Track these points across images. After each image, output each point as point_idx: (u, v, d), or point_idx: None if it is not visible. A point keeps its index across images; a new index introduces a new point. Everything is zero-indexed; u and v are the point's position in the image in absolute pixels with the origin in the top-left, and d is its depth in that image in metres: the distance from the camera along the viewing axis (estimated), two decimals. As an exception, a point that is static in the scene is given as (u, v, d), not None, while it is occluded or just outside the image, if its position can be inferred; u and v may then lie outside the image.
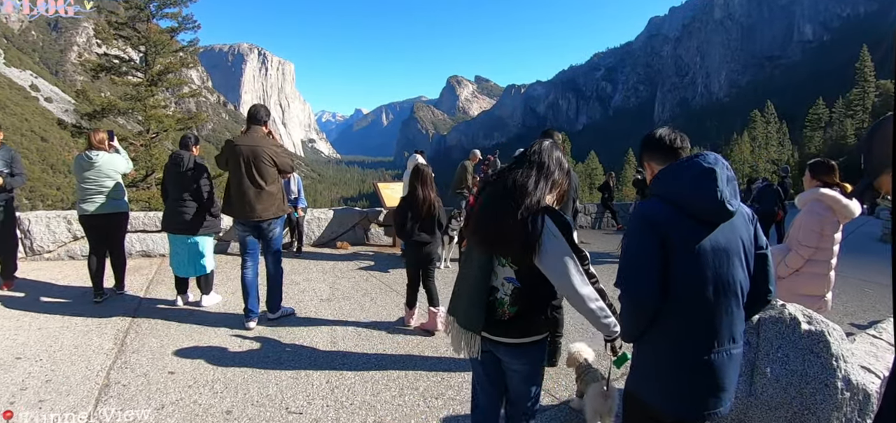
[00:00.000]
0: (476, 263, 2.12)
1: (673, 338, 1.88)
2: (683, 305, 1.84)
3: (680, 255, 1.82)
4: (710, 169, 1.80)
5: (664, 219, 1.84)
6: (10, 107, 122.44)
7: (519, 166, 2.13)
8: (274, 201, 4.72)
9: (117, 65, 23.77)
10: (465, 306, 2.16)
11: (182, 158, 5.17)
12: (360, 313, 5.43)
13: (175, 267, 5.41)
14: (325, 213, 9.42)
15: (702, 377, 1.86)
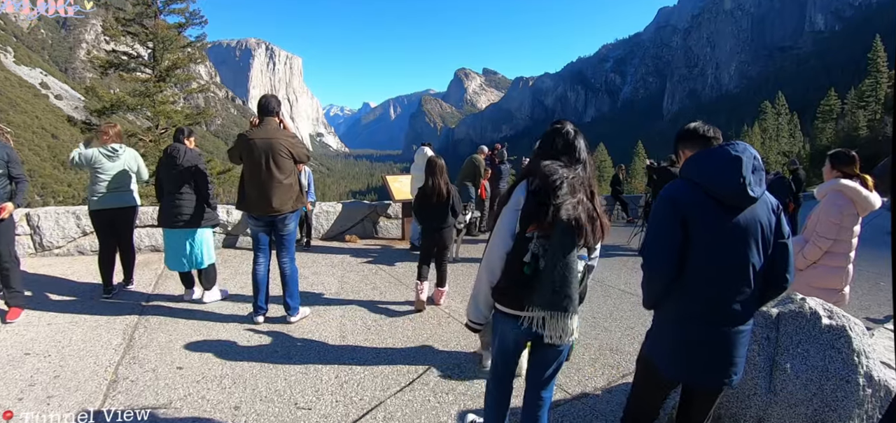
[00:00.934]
0: (570, 251, 2.05)
1: (683, 310, 2.09)
2: (697, 280, 2.04)
3: (699, 234, 2.01)
4: (736, 157, 1.98)
5: (688, 200, 2.04)
6: (21, 105, 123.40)
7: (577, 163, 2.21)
8: (291, 194, 4.61)
9: (126, 61, 23.91)
10: (570, 293, 2.06)
11: (178, 151, 5.03)
12: (368, 307, 5.39)
13: (170, 263, 5.25)
14: (333, 206, 9.40)
15: (706, 349, 2.07)
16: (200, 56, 28.78)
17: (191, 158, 5.04)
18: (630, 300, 5.93)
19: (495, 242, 2.20)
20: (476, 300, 2.33)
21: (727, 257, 2.01)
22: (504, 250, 2.16)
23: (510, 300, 2.19)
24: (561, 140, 2.26)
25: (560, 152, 2.24)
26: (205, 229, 5.24)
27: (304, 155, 4.77)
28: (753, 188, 1.97)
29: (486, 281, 2.25)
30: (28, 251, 7.22)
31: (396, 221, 9.80)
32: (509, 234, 2.15)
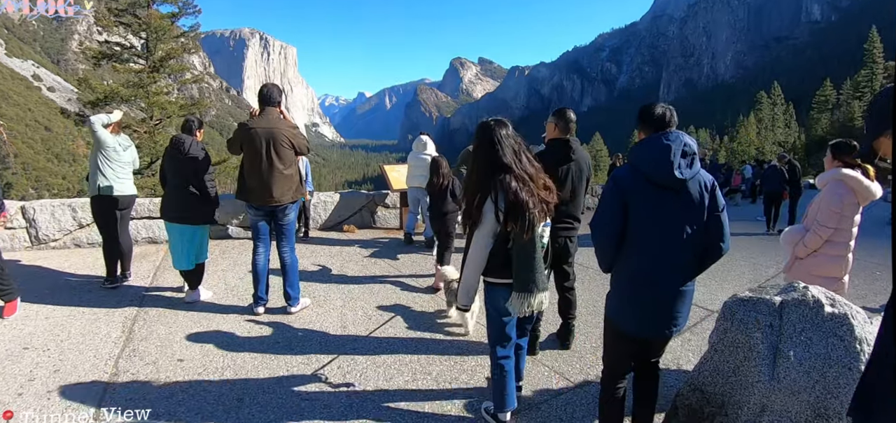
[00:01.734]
0: (535, 234, 2.61)
1: (630, 275, 2.46)
2: (638, 250, 2.41)
3: (637, 211, 2.36)
4: (667, 145, 2.30)
5: (628, 184, 2.38)
6: (13, 97, 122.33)
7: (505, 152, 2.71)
8: (292, 185, 4.60)
9: (118, 52, 23.82)
10: (540, 270, 2.66)
11: (183, 143, 4.90)
12: (369, 296, 5.38)
13: (175, 260, 5.05)
14: (331, 196, 9.35)
15: (651, 307, 2.44)
16: (194, 46, 28.57)
17: (195, 151, 4.94)
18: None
19: (478, 251, 2.67)
20: (468, 291, 2.79)
21: (663, 229, 2.35)
22: (487, 251, 2.66)
23: (497, 274, 2.74)
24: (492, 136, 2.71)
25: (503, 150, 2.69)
26: (203, 226, 5.14)
27: (304, 146, 4.75)
28: (682, 171, 2.29)
29: (475, 276, 2.74)
30: (24, 245, 7.17)
31: (394, 211, 9.76)
32: (488, 246, 2.65)
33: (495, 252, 2.66)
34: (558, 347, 4.20)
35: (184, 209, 4.91)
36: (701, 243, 2.41)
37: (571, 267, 4.10)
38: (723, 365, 3.00)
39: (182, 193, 4.90)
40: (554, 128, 3.90)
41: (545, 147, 4.00)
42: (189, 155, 4.89)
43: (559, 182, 3.71)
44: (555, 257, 3.92)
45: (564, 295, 4.15)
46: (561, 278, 4.09)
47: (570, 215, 3.88)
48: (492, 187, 2.59)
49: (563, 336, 4.20)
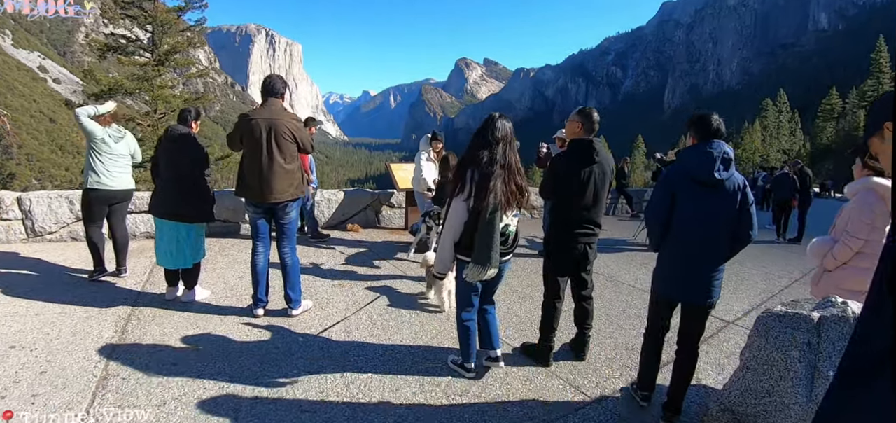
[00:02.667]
0: (496, 217, 3.07)
1: (676, 253, 3.03)
2: (680, 235, 2.98)
3: (682, 203, 2.93)
4: (710, 153, 2.84)
5: (676, 180, 2.96)
6: (19, 88, 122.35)
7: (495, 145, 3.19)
8: (293, 181, 4.33)
9: (124, 45, 23.74)
10: (494, 249, 3.07)
11: (178, 134, 4.68)
12: (373, 300, 5.15)
13: (160, 257, 4.75)
14: (335, 194, 9.14)
15: (691, 279, 2.99)
16: (200, 40, 28.52)
17: (192, 144, 4.72)
18: (642, 296, 5.70)
19: (453, 217, 3.18)
20: (443, 258, 3.32)
21: (703, 218, 2.91)
22: (461, 221, 3.16)
23: (467, 252, 3.17)
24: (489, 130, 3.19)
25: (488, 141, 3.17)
26: (198, 224, 4.85)
27: (308, 142, 4.52)
28: (720, 173, 2.84)
29: (449, 242, 3.24)
30: (20, 237, 6.99)
31: (400, 210, 9.55)
32: (462, 215, 3.15)
33: (468, 230, 3.13)
34: (572, 358, 3.99)
35: (176, 205, 4.63)
36: (732, 231, 2.94)
37: (590, 275, 3.90)
38: (756, 385, 2.79)
39: (175, 188, 4.63)
40: (578, 127, 3.70)
41: (567, 147, 3.78)
42: (184, 147, 4.66)
43: (580, 185, 3.56)
44: (573, 263, 3.76)
45: (581, 304, 3.92)
46: (578, 287, 3.89)
47: (591, 221, 3.68)
48: (474, 162, 3.10)
49: (578, 347, 3.99)
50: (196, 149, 4.73)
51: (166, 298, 4.86)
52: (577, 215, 3.63)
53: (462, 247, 3.19)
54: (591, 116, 3.68)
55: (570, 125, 3.77)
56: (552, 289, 3.80)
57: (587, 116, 3.67)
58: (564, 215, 3.67)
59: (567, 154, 3.68)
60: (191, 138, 4.72)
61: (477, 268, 3.07)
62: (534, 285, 5.84)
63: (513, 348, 4.14)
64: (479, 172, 3.07)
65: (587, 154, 3.58)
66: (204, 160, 4.77)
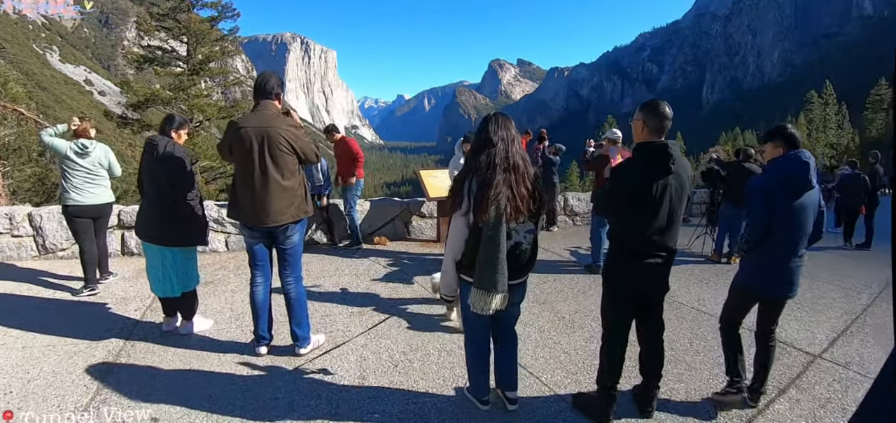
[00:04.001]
0: (501, 231, 2.60)
1: (772, 252, 3.16)
2: (779, 236, 3.11)
3: (781, 209, 3.08)
4: (806, 162, 3.06)
5: (774, 189, 3.10)
6: (66, 101, 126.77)
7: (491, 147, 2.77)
8: (292, 200, 3.63)
9: (160, 56, 24.40)
10: (499, 271, 2.61)
11: (156, 146, 3.99)
12: (398, 331, 4.47)
13: (151, 283, 4.21)
14: (362, 203, 8.55)
15: (785, 274, 3.16)
16: (234, 49, 28.92)
17: (171, 156, 4.00)
18: (709, 322, 4.88)
19: (453, 234, 2.77)
20: (445, 277, 2.93)
21: (797, 221, 3.08)
22: (461, 237, 2.75)
23: (469, 271, 2.75)
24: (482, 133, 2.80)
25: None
26: (185, 248, 4.20)
27: (311, 152, 3.77)
28: (813, 182, 3.06)
29: (450, 260, 2.84)
30: (31, 254, 6.64)
31: (431, 220, 8.90)
32: (462, 231, 2.74)
33: (470, 248, 2.71)
34: (636, 415, 3.22)
35: (158, 227, 4.03)
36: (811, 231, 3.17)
37: (660, 313, 3.17)
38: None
39: (158, 207, 4.03)
40: (642, 127, 2.88)
41: (633, 153, 2.97)
42: (162, 159, 3.99)
43: (652, 202, 2.76)
44: (640, 299, 3.01)
45: (650, 348, 3.18)
46: (646, 327, 3.17)
47: (664, 248, 2.89)
48: (471, 170, 2.70)
49: (644, 401, 3.22)
50: (175, 163, 4.01)
51: (163, 329, 4.33)
52: (646, 241, 2.84)
53: (464, 267, 2.79)
54: (659, 109, 2.84)
55: (635, 125, 2.94)
56: (614, 330, 3.07)
57: (653, 110, 2.85)
58: (630, 241, 2.89)
59: (634, 162, 2.89)
60: (170, 151, 4.02)
61: (480, 294, 2.63)
62: (584, 310, 5.11)
63: (557, 394, 3.44)
64: (476, 181, 2.64)
65: (661, 162, 2.75)
66: (185, 176, 4.05)
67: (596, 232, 6.75)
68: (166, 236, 4.03)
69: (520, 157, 2.74)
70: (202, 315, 4.50)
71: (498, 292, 2.60)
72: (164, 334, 4.26)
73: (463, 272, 2.80)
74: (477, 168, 2.67)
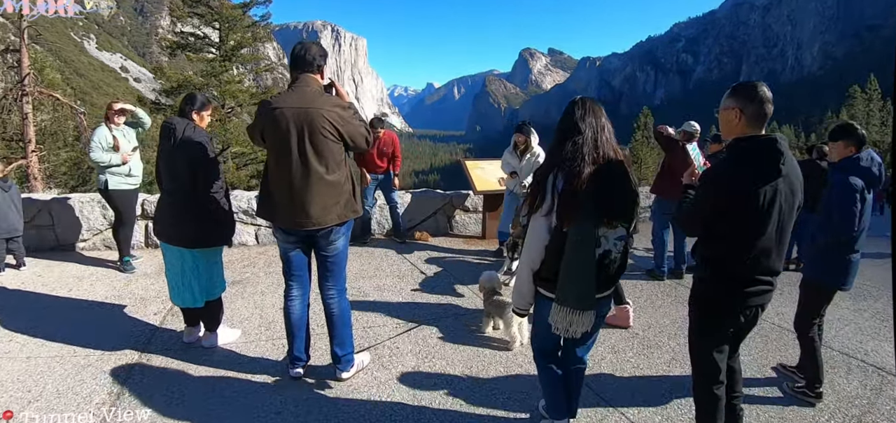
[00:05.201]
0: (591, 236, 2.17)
1: (848, 249, 3.24)
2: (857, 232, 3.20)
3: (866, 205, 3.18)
4: (879, 160, 3.25)
5: (861, 187, 3.16)
6: (103, 88, 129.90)
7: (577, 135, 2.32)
8: (338, 198, 2.97)
9: (192, 42, 24.58)
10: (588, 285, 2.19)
11: (174, 130, 3.38)
12: (450, 349, 3.85)
13: (172, 292, 3.65)
14: (403, 196, 7.93)
15: (853, 269, 3.28)
16: (265, 35, 28.95)
17: (190, 141, 3.39)
18: (791, 339, 4.11)
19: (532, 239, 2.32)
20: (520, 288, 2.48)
21: (865, 215, 3.21)
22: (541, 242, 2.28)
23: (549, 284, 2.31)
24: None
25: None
26: (209, 250, 3.60)
27: (361, 137, 3.05)
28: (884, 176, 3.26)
29: (526, 269, 2.38)
30: (50, 245, 6.23)
31: (475, 215, 8.23)
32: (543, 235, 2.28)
33: (551, 255, 2.25)
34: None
35: (176, 225, 3.45)
36: None
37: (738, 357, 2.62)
38: None
39: (177, 201, 3.44)
40: (738, 117, 2.26)
41: (729, 152, 2.32)
42: (180, 145, 3.37)
43: (758, 214, 2.16)
44: (734, 335, 2.46)
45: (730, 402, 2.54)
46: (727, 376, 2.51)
47: (771, 271, 2.28)
48: (555, 164, 2.27)
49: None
50: (197, 150, 3.39)
51: (184, 340, 3.77)
52: (750, 264, 2.24)
53: (543, 278, 2.33)
54: (759, 93, 2.22)
55: (726, 116, 2.32)
56: (708, 370, 2.42)
57: (751, 95, 2.23)
58: (729, 264, 2.27)
59: (732, 163, 2.26)
60: (189, 137, 3.40)
61: (564, 312, 2.21)
62: (658, 326, 4.47)
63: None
64: (563, 176, 2.19)
65: (769, 162, 2.15)
66: (207, 165, 3.43)
67: (658, 234, 6.03)
68: (186, 235, 3.44)
69: (611, 147, 2.29)
70: (228, 324, 3.94)
71: (586, 309, 2.20)
72: (185, 347, 3.70)
73: (541, 285, 2.36)
74: (563, 160, 2.23)
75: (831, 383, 3.51)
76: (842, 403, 3.28)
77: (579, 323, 2.21)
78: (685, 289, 5.45)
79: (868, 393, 3.43)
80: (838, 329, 4.60)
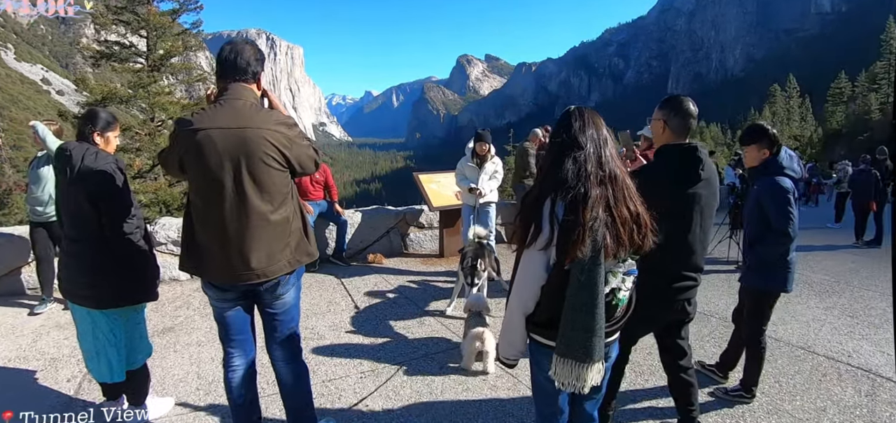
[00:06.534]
0: (598, 274, 1.77)
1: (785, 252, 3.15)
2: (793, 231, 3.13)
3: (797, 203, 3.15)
4: (798, 157, 3.40)
5: (791, 187, 3.11)
6: (23, 101, 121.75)
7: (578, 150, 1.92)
8: (288, 239, 2.36)
9: (118, 51, 22.74)
10: (597, 332, 1.78)
11: (70, 158, 2.66)
12: (429, 397, 3.36)
13: (87, 360, 2.88)
14: (352, 215, 7.42)
15: (792, 268, 3.23)
16: (197, 43, 27.59)
17: (91, 171, 2.64)
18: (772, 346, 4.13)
19: (525, 278, 1.90)
20: (509, 335, 2.01)
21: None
22: (536, 281, 1.88)
23: (545, 330, 1.93)
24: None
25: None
26: (126, 309, 2.83)
27: (310, 159, 2.42)
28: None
29: (518, 314, 1.95)
30: None
31: (430, 231, 7.85)
32: (539, 274, 1.87)
33: (549, 297, 1.84)
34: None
35: (84, 280, 2.69)
36: None
37: (687, 339, 2.76)
38: None
39: (82, 251, 2.70)
40: (663, 128, 2.52)
41: (656, 158, 2.63)
42: (78, 174, 2.64)
43: (680, 216, 2.42)
44: (665, 329, 2.73)
45: (680, 376, 2.77)
46: (673, 355, 2.76)
47: (694, 268, 2.52)
48: (553, 187, 1.81)
49: None
50: (99, 181, 2.65)
51: (103, 407, 2.98)
52: (674, 261, 2.45)
53: (539, 324, 1.92)
54: (684, 106, 2.48)
55: (655, 126, 2.58)
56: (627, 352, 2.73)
57: (676, 108, 2.48)
58: (654, 261, 2.10)
59: (655, 169, 2.55)
60: (90, 166, 2.66)
61: (569, 365, 1.80)
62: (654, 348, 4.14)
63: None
64: (562, 202, 1.77)
65: (690, 168, 2.43)
66: (115, 199, 2.70)
67: None
68: (95, 294, 2.70)
69: (617, 164, 1.89)
70: (158, 391, 3.30)
71: (594, 360, 1.79)
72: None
73: (537, 332, 1.94)
74: (563, 183, 1.80)
75: (828, 393, 3.54)
76: (845, 415, 3.23)
77: (588, 376, 1.81)
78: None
79: (864, 400, 3.41)
80: (816, 331, 4.66)
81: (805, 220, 13.68)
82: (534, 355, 2.00)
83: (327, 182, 6.99)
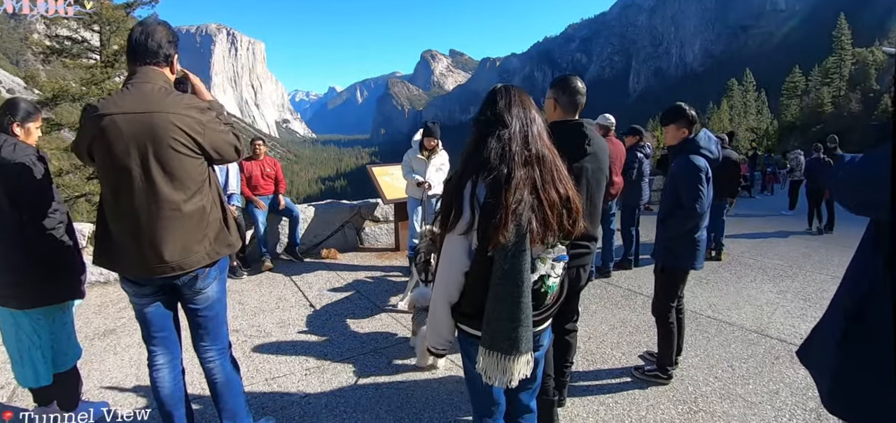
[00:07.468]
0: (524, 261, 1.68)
1: (693, 227, 3.31)
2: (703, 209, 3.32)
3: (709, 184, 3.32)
4: (717, 140, 3.47)
5: (705, 166, 3.27)
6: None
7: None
8: (205, 230, 2.26)
9: (69, 47, 21.91)
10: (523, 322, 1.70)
11: None
12: (377, 402, 3.24)
13: (12, 365, 2.78)
14: (305, 210, 7.38)
15: (700, 247, 3.40)
16: None
17: (9, 164, 2.49)
18: (732, 330, 4.38)
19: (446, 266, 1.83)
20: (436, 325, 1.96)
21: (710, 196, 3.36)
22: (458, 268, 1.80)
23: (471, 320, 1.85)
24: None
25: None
26: (51, 308, 2.72)
27: (228, 145, 2.32)
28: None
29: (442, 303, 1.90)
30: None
31: (386, 225, 7.89)
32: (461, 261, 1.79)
33: (473, 286, 1.78)
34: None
35: (4, 279, 2.56)
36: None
37: (576, 303, 2.99)
38: None
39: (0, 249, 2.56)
40: (554, 106, 2.74)
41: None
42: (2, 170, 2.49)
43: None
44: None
45: (564, 338, 2.91)
46: (562, 318, 2.83)
47: (586, 236, 2.61)
48: (475, 167, 1.73)
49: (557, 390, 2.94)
50: (18, 174, 2.51)
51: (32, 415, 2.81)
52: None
53: (465, 314, 1.84)
54: (570, 84, 2.70)
55: (547, 104, 2.79)
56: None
57: (564, 86, 2.70)
58: None
59: None
60: (8, 158, 2.51)
61: (495, 357, 1.72)
62: (598, 337, 4.20)
63: None
64: (484, 183, 1.69)
65: (575, 143, 2.56)
66: (35, 192, 2.58)
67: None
68: (16, 293, 2.58)
69: (545, 144, 1.81)
70: (93, 397, 3.19)
71: (521, 352, 1.70)
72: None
73: (464, 322, 1.86)
74: (484, 164, 1.72)
75: (781, 375, 3.59)
76: (797, 397, 3.29)
77: (515, 369, 1.74)
78: (616, 289, 5.51)
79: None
80: (769, 315, 4.81)
81: (760, 207, 14.25)
82: (463, 346, 1.94)
83: (277, 176, 6.90)
